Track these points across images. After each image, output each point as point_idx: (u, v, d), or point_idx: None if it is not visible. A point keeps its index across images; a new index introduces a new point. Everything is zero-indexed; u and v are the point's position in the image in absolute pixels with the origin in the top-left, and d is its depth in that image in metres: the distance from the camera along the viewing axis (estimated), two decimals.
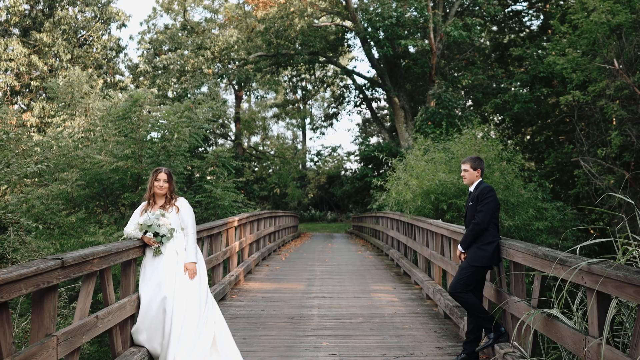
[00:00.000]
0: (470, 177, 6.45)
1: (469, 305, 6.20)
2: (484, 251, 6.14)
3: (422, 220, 11.51)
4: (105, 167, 14.66)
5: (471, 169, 6.43)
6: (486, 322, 6.14)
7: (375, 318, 8.61)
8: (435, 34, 27.13)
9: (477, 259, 6.16)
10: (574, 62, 18.89)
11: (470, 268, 6.21)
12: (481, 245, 6.16)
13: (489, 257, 6.14)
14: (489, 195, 6.15)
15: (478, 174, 6.43)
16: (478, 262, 6.16)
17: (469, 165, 6.45)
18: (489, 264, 6.19)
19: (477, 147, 13.43)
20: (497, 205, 6.23)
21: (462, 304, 6.26)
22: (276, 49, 30.10)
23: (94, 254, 4.80)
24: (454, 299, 6.36)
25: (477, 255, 6.17)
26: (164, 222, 6.07)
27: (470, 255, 6.23)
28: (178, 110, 16.41)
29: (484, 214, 6.10)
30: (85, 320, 4.74)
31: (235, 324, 8.23)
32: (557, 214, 14.33)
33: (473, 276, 6.21)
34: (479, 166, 6.44)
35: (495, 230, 6.24)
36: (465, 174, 6.48)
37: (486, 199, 6.13)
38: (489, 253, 6.13)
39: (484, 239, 6.16)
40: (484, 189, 6.23)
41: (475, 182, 6.44)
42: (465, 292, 6.19)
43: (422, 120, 24.80)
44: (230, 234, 11.86)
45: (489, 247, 6.14)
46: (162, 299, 5.89)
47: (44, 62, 28.96)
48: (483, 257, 6.15)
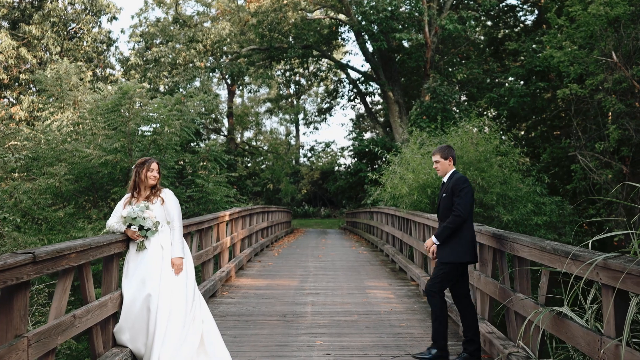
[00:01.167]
0: (443, 168, 6.12)
1: (435, 312, 5.91)
2: (461, 246, 5.83)
3: (418, 214, 11.20)
4: (94, 161, 14.37)
5: (442, 159, 6.11)
6: (439, 335, 5.89)
7: (371, 315, 8.30)
8: (430, 28, 26.82)
9: (454, 254, 5.85)
10: (571, 55, 18.59)
11: (447, 265, 5.89)
12: (458, 239, 5.84)
13: (466, 252, 5.84)
14: (465, 186, 5.85)
15: (450, 162, 6.11)
16: (455, 259, 5.85)
17: (439, 156, 6.14)
18: (466, 260, 5.87)
19: (474, 141, 13.13)
20: (473, 197, 5.95)
21: (431, 306, 5.97)
22: (269, 42, 29.74)
23: (70, 249, 4.46)
24: (427, 298, 6.04)
25: (454, 250, 5.85)
26: (149, 215, 5.73)
27: (447, 252, 5.89)
28: (169, 103, 16.10)
29: (463, 205, 5.77)
30: (61, 319, 4.40)
31: (226, 322, 7.91)
32: (556, 209, 14.06)
33: (451, 274, 5.90)
34: (450, 155, 6.12)
35: (471, 224, 5.94)
36: (437, 165, 6.17)
37: (463, 190, 5.82)
38: (466, 247, 5.83)
39: (460, 233, 5.84)
40: (459, 180, 5.93)
41: (448, 173, 6.10)
42: (440, 294, 5.89)
43: (416, 115, 24.49)
44: (222, 229, 11.52)
45: (466, 242, 5.84)
46: (146, 297, 5.56)
47: (33, 55, 28.50)
48: (460, 252, 5.84)
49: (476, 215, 12.20)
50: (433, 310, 5.97)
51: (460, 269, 5.98)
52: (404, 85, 32.53)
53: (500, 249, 6.04)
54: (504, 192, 12.47)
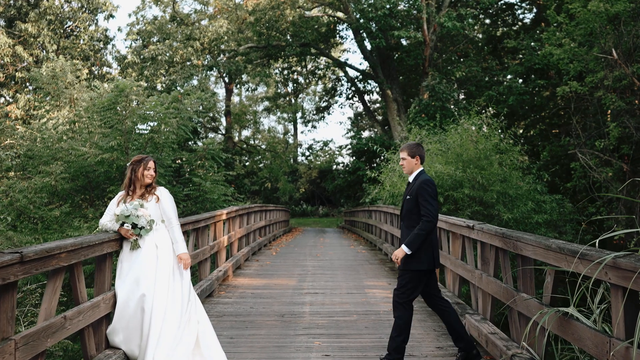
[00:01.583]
0: (409, 166, 5.82)
1: (400, 326, 5.63)
2: (425, 252, 5.61)
3: None
4: (90, 160, 14.22)
5: (409, 157, 5.81)
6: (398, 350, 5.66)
7: (371, 315, 8.16)
8: (428, 25, 26.69)
9: (419, 262, 5.61)
10: (570, 53, 18.47)
11: (410, 273, 5.64)
12: (422, 247, 5.61)
13: (430, 258, 5.62)
14: (431, 189, 5.57)
15: (417, 162, 5.81)
16: (419, 266, 5.61)
17: (406, 153, 5.83)
18: (432, 267, 5.65)
19: (474, 138, 13.00)
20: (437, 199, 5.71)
21: (397, 318, 5.66)
22: (267, 40, 29.58)
23: (60, 248, 4.32)
24: (393, 309, 5.75)
25: (418, 257, 5.61)
26: (143, 213, 5.59)
27: (411, 259, 5.62)
28: (166, 100, 15.95)
29: (430, 208, 5.50)
30: (51, 321, 4.26)
31: (222, 322, 7.77)
32: (556, 207, 13.93)
33: (419, 281, 5.68)
34: (418, 153, 5.82)
35: (431, 232, 5.67)
36: (404, 163, 5.86)
37: (429, 193, 5.55)
38: (430, 254, 5.63)
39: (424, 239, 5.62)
40: (423, 182, 5.63)
41: (414, 172, 5.83)
42: (408, 305, 5.65)
43: (415, 113, 24.36)
44: (219, 228, 11.38)
45: (431, 248, 5.63)
46: (140, 297, 5.42)
47: (29, 53, 28.31)
48: (424, 259, 5.61)
49: (476, 214, 12.09)
50: (398, 323, 5.66)
51: (428, 274, 5.78)
52: (403, 83, 32.41)
53: (503, 248, 5.90)
54: (504, 190, 12.33)
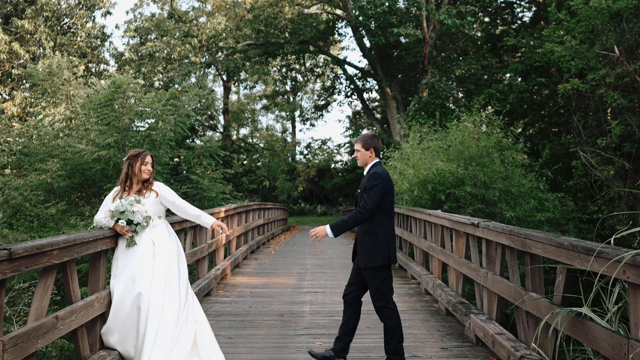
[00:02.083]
0: (363, 159, 5.59)
1: (393, 329, 5.47)
2: (380, 247, 5.41)
3: (419, 211, 10.88)
4: (87, 157, 14.06)
5: (363, 149, 5.58)
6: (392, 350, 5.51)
7: (372, 315, 7.93)
8: (428, 23, 26.48)
9: (378, 258, 5.41)
10: (572, 50, 18.30)
11: (376, 271, 5.45)
12: (375, 242, 5.43)
13: (386, 254, 5.42)
14: (377, 183, 5.34)
15: (372, 154, 5.57)
16: (379, 262, 5.41)
17: (360, 145, 5.60)
18: (387, 263, 5.45)
19: (475, 136, 12.82)
20: (387, 194, 5.44)
21: (387, 321, 5.48)
22: (265, 37, 29.37)
23: (52, 245, 4.13)
24: (379, 315, 5.57)
25: (376, 253, 5.42)
26: (139, 209, 5.40)
27: (367, 256, 5.44)
28: (163, 97, 15.79)
29: (369, 202, 5.30)
30: (42, 321, 4.07)
31: (221, 321, 7.59)
32: (559, 205, 13.75)
33: (386, 277, 5.48)
34: (373, 145, 5.58)
35: (389, 222, 5.50)
36: (358, 155, 5.63)
37: (374, 187, 5.33)
38: (385, 249, 5.43)
39: (377, 234, 5.43)
40: (372, 175, 5.41)
41: (369, 165, 5.60)
42: (390, 304, 5.49)
43: (415, 111, 24.17)
44: None
45: (383, 243, 5.43)
46: (136, 295, 5.23)
47: (26, 50, 28.06)
48: (380, 254, 5.42)
49: (478, 212, 11.92)
50: (389, 326, 5.48)
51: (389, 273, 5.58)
52: (402, 81, 32.21)
53: (510, 246, 5.73)
54: (507, 188, 12.16)
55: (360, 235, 5.59)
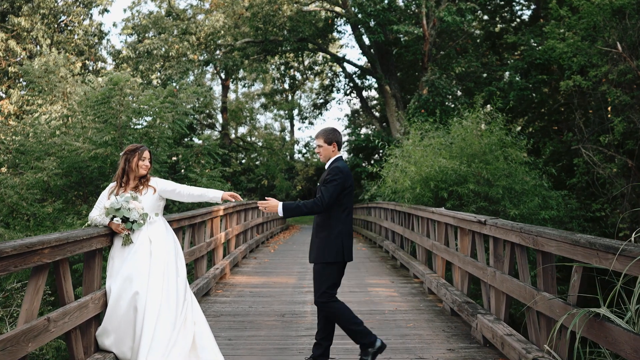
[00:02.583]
0: (325, 153, 5.44)
1: (340, 315, 5.35)
2: (333, 244, 5.27)
3: (422, 209, 10.69)
4: (84, 155, 13.88)
5: (325, 144, 5.42)
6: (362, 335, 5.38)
7: (375, 315, 7.79)
8: (428, 20, 26.27)
9: (330, 254, 5.27)
10: (574, 47, 18.10)
11: (325, 267, 5.32)
12: (328, 238, 5.28)
13: (340, 251, 5.28)
14: (337, 178, 5.19)
15: (334, 148, 5.44)
16: (331, 258, 5.27)
17: (322, 140, 5.44)
18: (340, 260, 5.31)
19: (478, 132, 12.62)
20: (346, 189, 5.29)
21: (331, 315, 5.36)
22: (264, 34, 29.15)
23: (43, 243, 3.92)
24: (323, 310, 5.42)
25: (328, 248, 5.27)
26: (135, 206, 5.19)
27: (318, 252, 5.31)
28: (161, 94, 15.61)
29: (324, 195, 5.15)
30: (32, 324, 3.86)
31: (220, 322, 7.39)
32: (563, 203, 13.56)
33: (332, 274, 5.35)
34: (335, 139, 5.44)
35: (346, 218, 5.34)
36: (320, 150, 5.47)
37: (333, 181, 5.18)
38: (339, 246, 5.27)
39: (332, 229, 5.28)
40: (333, 169, 5.27)
41: (331, 159, 5.46)
42: (334, 300, 5.35)
43: (415, 108, 23.96)
44: (215, 224, 10.99)
45: (338, 238, 5.28)
46: (133, 295, 5.03)
47: (23, 48, 27.82)
48: (332, 251, 5.27)
49: (481, 210, 11.72)
50: (336, 316, 5.35)
51: (342, 267, 5.45)
52: (401, 79, 32.00)
53: (520, 244, 5.53)
54: (510, 186, 11.96)
55: (315, 230, 5.45)
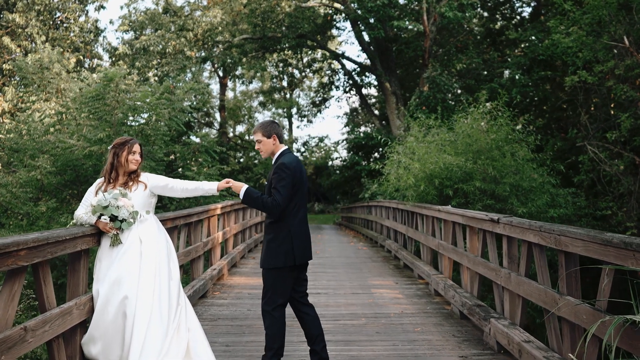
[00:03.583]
0: (267, 148, 5.05)
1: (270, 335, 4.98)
2: (281, 246, 4.88)
3: (427, 207, 10.30)
4: (78, 153, 13.53)
5: (264, 138, 5.03)
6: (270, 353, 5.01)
7: (381, 319, 7.40)
8: (428, 16, 25.89)
9: (278, 258, 4.89)
10: (579, 42, 17.72)
11: (272, 272, 4.93)
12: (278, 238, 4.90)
13: (290, 253, 4.89)
14: (284, 176, 4.82)
15: (275, 141, 5.04)
16: (279, 263, 4.89)
17: (260, 134, 5.04)
18: (291, 264, 4.91)
19: (484, 128, 12.24)
20: (296, 185, 4.91)
21: (266, 326, 5.00)
22: (262, 31, 28.75)
23: (18, 244, 3.52)
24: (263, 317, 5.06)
25: (275, 252, 4.89)
26: (125, 203, 4.79)
27: (267, 256, 4.93)
28: (157, 90, 15.25)
29: (278, 197, 4.77)
30: (6, 333, 3.45)
31: (217, 326, 7.00)
32: (571, 201, 13.17)
33: (279, 283, 4.94)
34: (274, 132, 5.05)
35: (295, 215, 4.95)
36: (260, 146, 5.08)
37: (281, 181, 4.80)
38: (287, 247, 4.89)
39: (280, 230, 4.90)
40: (279, 167, 4.88)
41: (276, 154, 5.07)
42: (277, 311, 4.96)
43: (415, 105, 23.57)
44: (213, 223, 10.59)
45: (287, 240, 4.90)
46: (121, 300, 4.63)
47: (17, 44, 27.37)
48: (280, 254, 4.89)
49: (487, 208, 11.33)
50: (267, 334, 4.99)
51: (296, 272, 5.04)
52: (401, 76, 31.62)
53: (539, 244, 5.13)
54: (518, 183, 11.57)
55: (264, 231, 5.08)
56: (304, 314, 5.20)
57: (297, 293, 5.17)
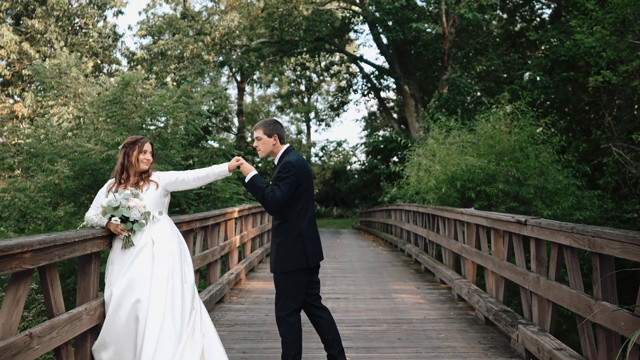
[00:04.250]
0: (266, 148, 4.85)
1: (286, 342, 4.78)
2: (293, 249, 4.68)
3: (448, 209, 10.03)
4: (96, 157, 13.45)
5: (265, 136, 4.84)
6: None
7: (402, 325, 7.15)
8: (447, 17, 25.58)
9: (289, 262, 4.69)
10: (602, 41, 17.33)
11: (285, 277, 4.74)
12: (288, 241, 4.70)
13: (302, 255, 4.69)
14: (289, 175, 4.62)
15: (275, 141, 4.85)
16: (291, 266, 4.69)
17: (261, 131, 4.85)
18: (305, 266, 4.71)
19: (507, 128, 11.94)
20: (302, 185, 4.71)
21: (282, 334, 4.80)
22: (280, 35, 28.62)
23: (23, 246, 3.34)
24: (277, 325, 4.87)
25: (287, 256, 4.69)
26: (136, 204, 4.61)
27: (277, 260, 4.73)
28: (174, 94, 15.17)
29: (276, 195, 4.59)
30: (10, 340, 3.27)
31: (234, 332, 6.80)
32: (597, 203, 12.80)
33: (292, 287, 4.75)
34: (275, 131, 4.85)
35: (304, 217, 4.75)
36: (258, 144, 4.88)
37: (285, 179, 4.61)
38: (299, 250, 4.68)
39: (291, 232, 4.69)
40: (284, 165, 4.69)
41: (279, 153, 4.88)
42: (292, 317, 4.75)
43: (435, 108, 23.26)
44: (230, 227, 10.41)
45: (299, 242, 4.69)
46: (133, 303, 4.44)
47: (36, 50, 27.53)
48: (291, 258, 4.69)
49: (511, 211, 11.02)
50: (283, 341, 4.79)
51: (309, 274, 4.84)
52: (420, 80, 31.31)
53: (570, 246, 4.87)
54: (542, 185, 11.25)
55: (272, 234, 4.87)
56: (319, 317, 4.99)
57: (310, 296, 4.97)
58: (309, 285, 4.93)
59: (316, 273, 5.00)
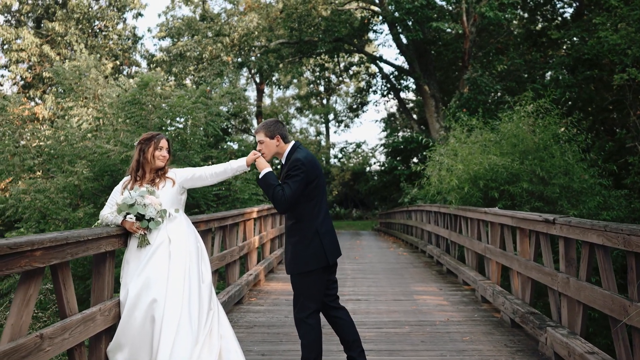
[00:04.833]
0: (269, 150, 4.70)
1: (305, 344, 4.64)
2: (310, 248, 4.51)
3: (471, 209, 9.81)
4: (115, 158, 13.44)
5: (267, 138, 4.68)
6: None
7: (425, 327, 6.95)
8: (468, 16, 25.30)
9: (308, 261, 4.53)
10: (627, 38, 16.99)
11: (303, 277, 4.59)
12: (305, 240, 4.53)
13: (321, 254, 4.52)
14: (298, 172, 4.47)
15: (278, 142, 4.69)
16: (310, 266, 4.53)
17: (263, 134, 4.69)
18: (324, 264, 4.54)
19: (530, 127, 11.69)
20: (313, 182, 4.55)
21: (301, 336, 4.68)
22: (299, 35, 28.51)
23: (33, 243, 3.21)
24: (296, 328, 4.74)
25: (304, 256, 4.52)
26: (152, 201, 4.48)
27: (293, 261, 4.58)
28: (193, 94, 15.12)
29: (285, 193, 4.43)
30: (19, 342, 3.15)
31: (253, 334, 6.66)
32: (624, 203, 12.48)
33: (315, 285, 4.59)
34: (278, 132, 4.69)
35: (318, 213, 4.58)
36: (261, 147, 4.71)
37: (294, 177, 4.45)
38: (317, 248, 4.51)
39: (306, 230, 4.52)
40: (293, 163, 4.53)
41: (285, 153, 4.71)
42: (312, 318, 4.62)
43: (456, 107, 22.97)
44: (249, 227, 10.28)
45: (315, 240, 4.51)
46: (150, 303, 4.30)
47: (57, 53, 27.69)
48: (308, 257, 4.52)
49: (536, 210, 10.77)
50: (303, 343, 4.64)
51: (327, 273, 4.67)
52: (440, 80, 31.01)
53: (603, 245, 4.65)
54: (568, 184, 10.98)
55: (287, 234, 4.70)
56: (337, 318, 4.84)
57: (328, 297, 4.83)
58: (327, 285, 4.78)
59: (334, 272, 4.85)
